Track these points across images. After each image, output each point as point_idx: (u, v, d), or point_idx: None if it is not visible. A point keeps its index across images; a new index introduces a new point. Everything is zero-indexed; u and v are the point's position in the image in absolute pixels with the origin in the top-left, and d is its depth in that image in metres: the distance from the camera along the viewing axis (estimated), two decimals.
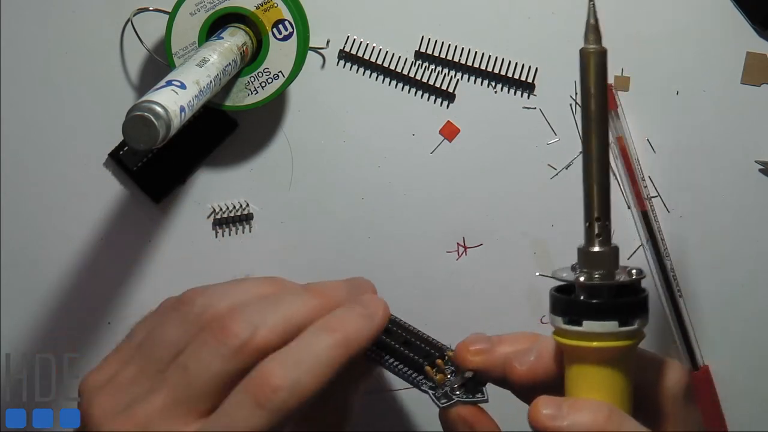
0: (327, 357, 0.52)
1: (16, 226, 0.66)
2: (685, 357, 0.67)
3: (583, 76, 0.50)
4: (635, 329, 0.50)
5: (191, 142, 0.65)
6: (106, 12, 0.65)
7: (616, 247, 0.51)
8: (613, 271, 0.51)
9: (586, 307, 0.51)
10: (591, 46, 0.50)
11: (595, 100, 0.50)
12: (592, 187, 0.51)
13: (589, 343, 0.50)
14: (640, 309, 0.51)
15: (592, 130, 0.50)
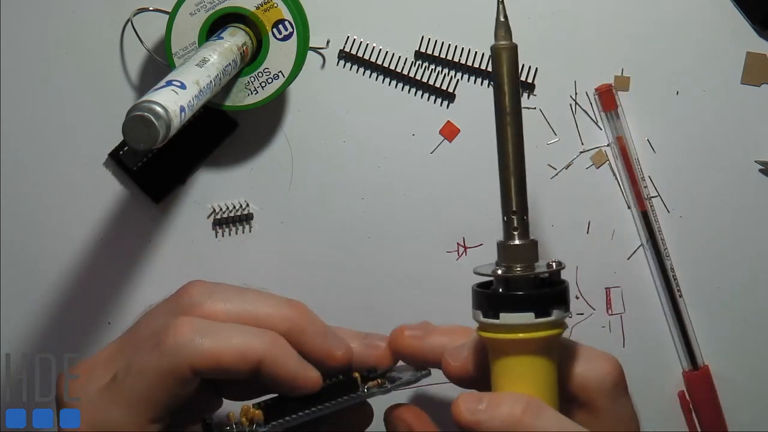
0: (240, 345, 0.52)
1: (16, 226, 0.66)
2: (685, 357, 0.67)
3: (495, 72, 0.52)
4: (553, 320, 0.51)
5: (191, 142, 0.65)
6: (106, 12, 0.65)
7: (534, 241, 0.52)
8: (533, 264, 0.52)
9: (502, 299, 0.51)
10: (502, 42, 0.52)
11: (509, 94, 0.52)
12: (508, 181, 0.53)
13: (506, 335, 0.51)
14: (556, 300, 0.51)
15: (506, 124, 0.52)
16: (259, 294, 0.56)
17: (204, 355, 0.52)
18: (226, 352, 0.52)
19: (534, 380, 0.51)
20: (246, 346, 0.53)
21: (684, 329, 0.67)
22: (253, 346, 0.53)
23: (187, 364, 0.52)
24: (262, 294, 0.56)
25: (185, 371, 0.52)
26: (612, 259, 0.67)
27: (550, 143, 0.66)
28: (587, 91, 0.66)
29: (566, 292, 0.52)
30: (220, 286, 0.56)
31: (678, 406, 0.67)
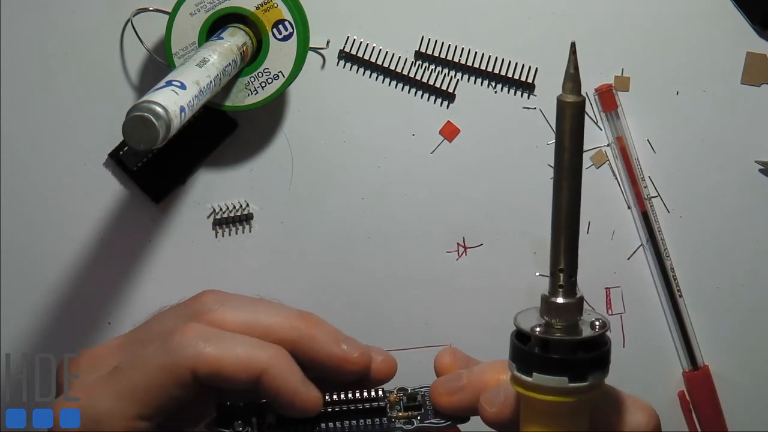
0: (244, 355, 0.52)
1: (16, 226, 0.66)
2: (685, 357, 0.67)
3: (558, 126, 0.48)
4: (587, 385, 0.49)
5: (191, 142, 0.65)
6: (106, 12, 0.65)
7: (580, 299, 0.50)
8: (576, 322, 0.50)
9: (537, 360, 0.50)
10: (569, 96, 0.48)
11: (569, 152, 0.48)
12: (559, 238, 0.49)
13: (537, 396, 0.50)
14: (594, 365, 0.50)
15: (563, 181, 0.49)
16: (271, 304, 0.56)
17: (206, 360, 0.52)
18: (228, 360, 0.52)
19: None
20: (249, 357, 0.53)
21: (684, 329, 0.67)
22: (257, 357, 0.53)
23: (188, 366, 0.52)
24: (273, 304, 0.56)
25: (185, 373, 0.52)
26: (612, 259, 0.67)
27: (550, 143, 0.66)
28: (587, 91, 0.66)
29: (606, 357, 0.50)
30: (234, 296, 0.56)
31: (678, 406, 0.67)
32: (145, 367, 0.52)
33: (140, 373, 0.52)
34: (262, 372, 0.53)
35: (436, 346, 0.66)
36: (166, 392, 0.52)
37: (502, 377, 0.54)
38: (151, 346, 0.53)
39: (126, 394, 0.52)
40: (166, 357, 0.52)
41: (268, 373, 0.53)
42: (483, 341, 0.57)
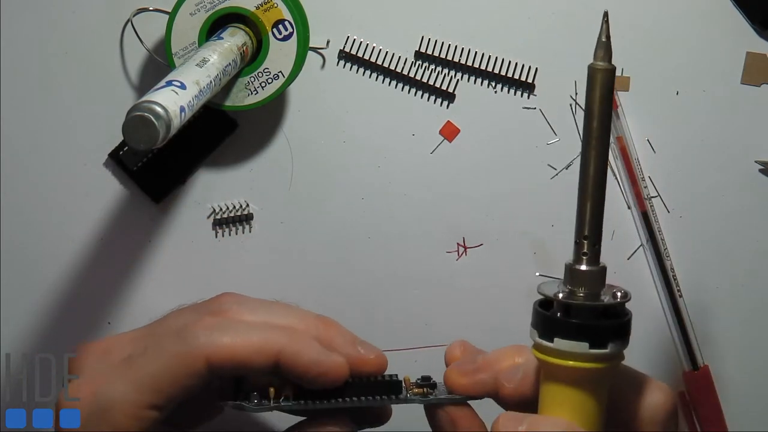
0: (259, 340, 0.53)
1: (16, 226, 0.66)
2: (685, 357, 0.67)
3: (588, 93, 0.49)
4: (608, 353, 0.50)
5: (191, 142, 0.65)
6: (106, 12, 0.65)
7: (603, 268, 0.51)
8: (598, 291, 0.51)
9: (559, 325, 0.50)
10: (599, 63, 0.49)
11: (599, 118, 0.49)
12: (585, 206, 0.50)
13: (558, 361, 0.50)
14: (615, 333, 0.50)
15: (591, 147, 0.49)
16: (288, 307, 0.57)
17: (221, 348, 0.52)
18: (242, 346, 0.53)
19: (580, 408, 0.51)
20: (263, 340, 0.53)
21: (684, 329, 0.67)
22: (271, 339, 0.53)
23: (203, 355, 0.52)
24: (291, 307, 0.57)
25: (199, 362, 0.52)
26: (612, 259, 0.67)
27: (550, 143, 0.66)
28: None
29: (627, 326, 0.51)
30: (251, 299, 0.56)
31: (678, 406, 0.67)
32: (160, 356, 0.53)
33: (154, 361, 0.53)
34: (277, 353, 0.53)
35: (436, 346, 0.66)
36: (178, 381, 0.52)
37: (518, 360, 0.54)
38: (166, 338, 0.53)
39: (138, 381, 0.52)
40: (180, 346, 0.52)
41: (284, 352, 0.53)
42: (483, 341, 0.57)
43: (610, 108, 0.49)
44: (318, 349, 0.54)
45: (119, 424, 0.52)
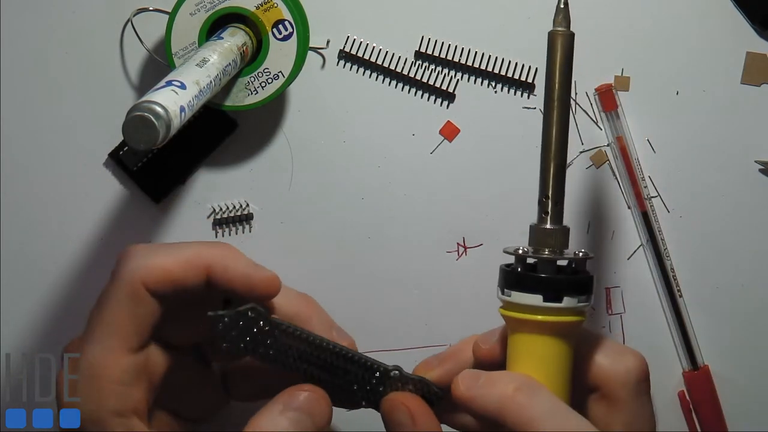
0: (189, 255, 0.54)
1: (16, 226, 0.66)
2: (685, 357, 0.67)
3: (549, 58, 0.52)
4: (562, 307, 0.51)
5: (191, 142, 0.65)
6: (106, 12, 0.65)
7: (565, 228, 0.53)
8: (561, 250, 0.52)
9: (515, 278, 0.52)
10: (559, 28, 0.52)
11: (559, 82, 0.52)
12: (548, 166, 0.53)
13: (514, 314, 0.52)
14: (570, 287, 0.52)
15: (552, 109, 0.52)
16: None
17: (153, 269, 0.53)
18: (174, 263, 0.53)
19: (541, 363, 0.52)
20: (196, 255, 0.54)
21: (684, 329, 0.67)
22: (203, 254, 0.54)
23: (139, 282, 0.53)
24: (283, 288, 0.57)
25: (138, 289, 0.53)
26: (612, 259, 0.67)
27: None
28: (587, 91, 0.66)
29: (583, 282, 0.52)
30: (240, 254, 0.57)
31: (678, 406, 0.67)
32: (106, 304, 0.54)
33: (104, 311, 0.54)
34: (209, 266, 0.53)
35: (436, 346, 0.66)
36: (132, 316, 0.53)
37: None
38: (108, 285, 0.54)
39: (103, 334, 0.53)
40: (117, 284, 0.53)
41: (216, 265, 0.54)
42: None
43: (570, 71, 0.52)
44: (248, 263, 0.55)
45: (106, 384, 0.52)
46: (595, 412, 0.53)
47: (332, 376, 0.55)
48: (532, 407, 0.50)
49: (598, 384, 0.53)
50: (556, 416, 0.50)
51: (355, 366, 0.56)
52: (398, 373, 0.56)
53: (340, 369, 0.56)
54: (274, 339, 0.55)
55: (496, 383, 0.51)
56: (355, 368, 0.56)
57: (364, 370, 0.56)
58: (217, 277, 0.54)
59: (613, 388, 0.53)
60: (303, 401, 0.54)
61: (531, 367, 0.52)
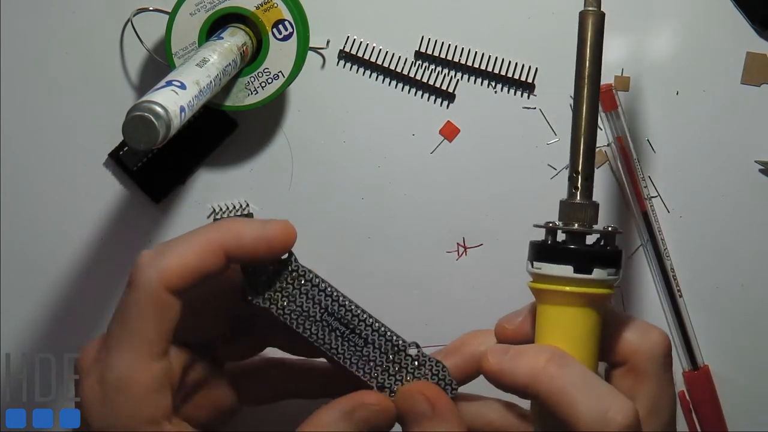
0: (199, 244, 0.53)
1: (16, 226, 0.66)
2: (685, 357, 0.67)
3: (579, 37, 0.53)
4: (592, 278, 0.52)
5: (191, 142, 0.65)
6: (106, 12, 0.65)
7: (594, 203, 0.53)
8: (591, 224, 0.53)
9: (545, 250, 0.53)
10: (590, 7, 0.53)
11: (590, 60, 0.53)
12: (578, 143, 0.53)
13: (544, 285, 0.53)
14: (599, 259, 0.52)
15: (583, 87, 0.53)
16: None
17: (172, 269, 0.52)
18: (189, 255, 0.53)
19: (569, 333, 0.52)
20: (206, 239, 0.53)
21: (684, 329, 0.67)
22: (211, 235, 0.53)
23: (161, 286, 0.52)
24: None
25: (161, 294, 0.52)
26: None
27: (550, 143, 0.66)
28: None
29: (614, 255, 0.53)
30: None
31: (678, 406, 0.67)
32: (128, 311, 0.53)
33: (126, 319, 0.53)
34: (222, 244, 0.53)
35: (436, 346, 0.66)
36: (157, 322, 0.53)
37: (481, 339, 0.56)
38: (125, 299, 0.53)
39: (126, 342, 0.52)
40: (137, 292, 0.52)
41: (228, 240, 0.53)
42: None
43: (601, 50, 0.53)
44: (255, 224, 0.54)
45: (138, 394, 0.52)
46: (621, 385, 0.53)
47: (349, 345, 0.55)
48: (563, 377, 0.50)
49: (624, 358, 0.53)
50: (588, 386, 0.50)
51: (375, 335, 0.55)
52: (417, 351, 0.55)
53: (359, 337, 0.55)
54: (299, 291, 0.55)
55: (526, 355, 0.52)
56: (374, 337, 0.55)
57: (384, 341, 0.55)
58: (234, 250, 0.53)
59: (640, 362, 0.53)
60: (369, 413, 0.54)
61: (561, 338, 0.52)
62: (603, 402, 0.50)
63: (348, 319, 0.55)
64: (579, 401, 0.50)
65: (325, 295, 0.55)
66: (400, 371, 0.55)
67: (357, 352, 0.55)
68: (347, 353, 0.55)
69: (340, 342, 0.55)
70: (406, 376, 0.55)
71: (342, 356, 0.55)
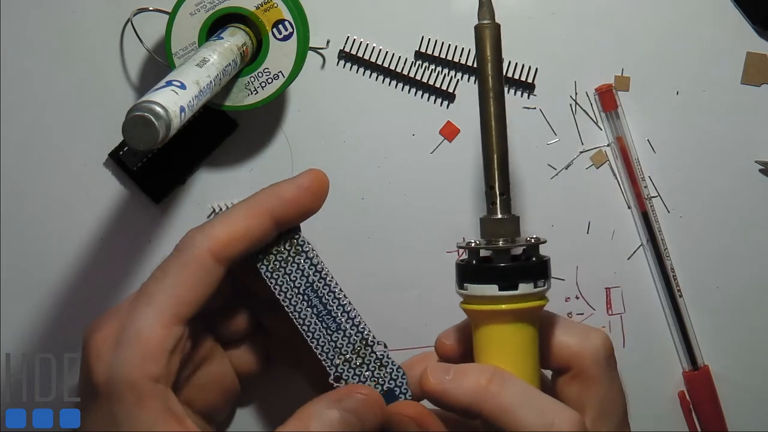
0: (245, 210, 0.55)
1: (16, 226, 0.66)
2: (685, 357, 0.67)
3: (479, 52, 0.53)
4: (519, 294, 0.52)
5: (191, 142, 0.65)
6: (106, 12, 0.65)
7: (514, 217, 0.53)
8: (513, 239, 0.53)
9: (469, 271, 0.53)
10: (484, 21, 0.53)
11: (492, 74, 0.52)
12: (490, 158, 0.53)
13: (472, 306, 0.53)
14: (524, 273, 0.52)
15: (489, 103, 0.52)
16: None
17: (220, 239, 0.53)
18: (237, 226, 0.54)
19: (506, 350, 0.53)
20: (252, 209, 0.55)
21: (684, 329, 0.67)
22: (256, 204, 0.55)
23: (207, 251, 0.53)
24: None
25: (206, 259, 0.53)
26: (612, 259, 0.67)
27: (550, 143, 0.66)
28: (587, 91, 0.66)
29: (537, 267, 0.53)
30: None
31: (678, 406, 0.67)
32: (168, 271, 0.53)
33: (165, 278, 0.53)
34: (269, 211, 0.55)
35: None
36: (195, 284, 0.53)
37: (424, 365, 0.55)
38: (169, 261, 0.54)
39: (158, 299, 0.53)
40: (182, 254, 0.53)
41: (273, 208, 0.55)
42: None
43: (501, 62, 0.53)
44: (290, 180, 0.56)
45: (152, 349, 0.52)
46: (567, 392, 0.54)
47: (321, 326, 0.56)
48: (505, 395, 0.51)
49: (567, 364, 0.54)
50: (530, 401, 0.51)
51: (349, 323, 0.56)
52: (384, 351, 0.56)
53: (334, 321, 0.56)
54: (292, 260, 0.56)
55: (468, 375, 0.52)
56: (347, 325, 0.56)
57: (356, 331, 0.56)
58: (279, 211, 0.55)
59: (585, 367, 0.54)
60: (356, 403, 0.54)
61: (499, 356, 0.53)
62: (547, 415, 0.51)
63: (328, 300, 0.56)
64: (523, 417, 0.51)
65: (315, 270, 0.56)
66: (361, 367, 0.56)
67: (327, 335, 0.56)
68: (317, 333, 0.56)
69: (314, 320, 0.56)
70: (365, 372, 0.56)
71: (311, 335, 0.56)
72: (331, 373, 0.56)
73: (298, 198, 0.55)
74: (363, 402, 0.54)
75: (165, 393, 0.52)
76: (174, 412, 0.52)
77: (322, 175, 0.56)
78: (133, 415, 0.51)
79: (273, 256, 0.56)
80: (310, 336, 0.56)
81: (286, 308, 0.56)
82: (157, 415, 0.51)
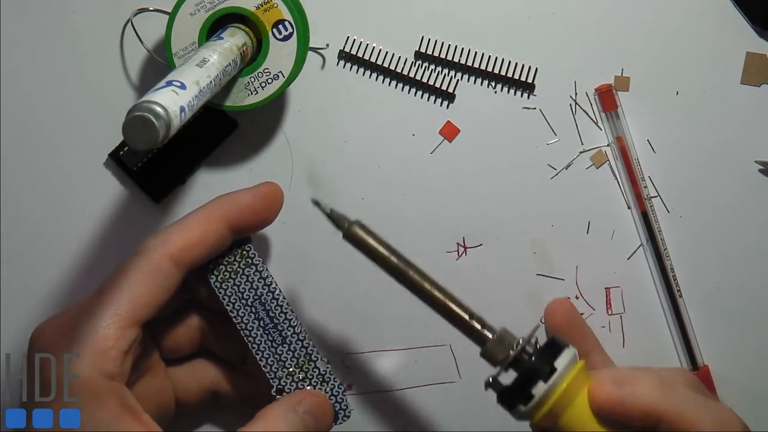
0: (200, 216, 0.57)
1: (16, 226, 0.66)
2: (685, 357, 0.67)
3: (367, 252, 0.56)
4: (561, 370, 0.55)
5: (191, 142, 0.65)
6: (106, 12, 0.65)
7: (502, 328, 0.56)
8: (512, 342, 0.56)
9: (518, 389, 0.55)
10: (353, 228, 0.56)
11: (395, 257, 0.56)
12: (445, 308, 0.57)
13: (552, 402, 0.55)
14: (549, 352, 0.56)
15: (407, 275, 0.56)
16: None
17: (176, 244, 0.55)
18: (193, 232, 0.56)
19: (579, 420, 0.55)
20: (208, 215, 0.56)
21: (684, 329, 0.67)
22: (212, 210, 0.57)
23: (165, 255, 0.55)
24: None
25: (163, 262, 0.55)
26: (612, 259, 0.67)
27: (550, 143, 0.66)
28: (587, 91, 0.66)
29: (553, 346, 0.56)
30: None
31: None
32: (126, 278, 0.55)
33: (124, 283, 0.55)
34: (224, 217, 0.57)
35: (436, 346, 0.66)
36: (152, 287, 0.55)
37: None
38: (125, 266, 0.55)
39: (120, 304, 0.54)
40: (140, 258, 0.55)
41: (229, 214, 0.57)
42: None
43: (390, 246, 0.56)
44: (247, 189, 0.58)
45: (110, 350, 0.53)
46: None
47: (267, 338, 0.57)
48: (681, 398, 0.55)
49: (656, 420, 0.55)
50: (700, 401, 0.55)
51: (294, 338, 0.58)
52: (326, 368, 0.58)
53: (279, 335, 0.57)
54: (242, 272, 0.57)
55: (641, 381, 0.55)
56: (292, 339, 0.58)
57: (300, 346, 0.57)
58: (235, 218, 0.57)
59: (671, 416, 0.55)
60: (312, 405, 0.56)
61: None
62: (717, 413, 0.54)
63: (275, 314, 0.57)
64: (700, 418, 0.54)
65: (264, 284, 0.57)
66: (304, 381, 0.57)
67: (271, 348, 0.57)
68: (262, 345, 0.57)
69: (260, 332, 0.57)
70: (306, 387, 0.57)
71: (257, 347, 0.56)
72: (274, 386, 0.57)
73: (254, 205, 0.57)
74: (318, 405, 0.57)
75: (121, 390, 0.53)
76: (131, 407, 0.53)
77: (277, 186, 0.59)
78: (89, 412, 0.52)
79: (223, 267, 0.57)
80: (256, 348, 0.57)
81: (234, 319, 0.57)
82: (114, 411, 0.52)
